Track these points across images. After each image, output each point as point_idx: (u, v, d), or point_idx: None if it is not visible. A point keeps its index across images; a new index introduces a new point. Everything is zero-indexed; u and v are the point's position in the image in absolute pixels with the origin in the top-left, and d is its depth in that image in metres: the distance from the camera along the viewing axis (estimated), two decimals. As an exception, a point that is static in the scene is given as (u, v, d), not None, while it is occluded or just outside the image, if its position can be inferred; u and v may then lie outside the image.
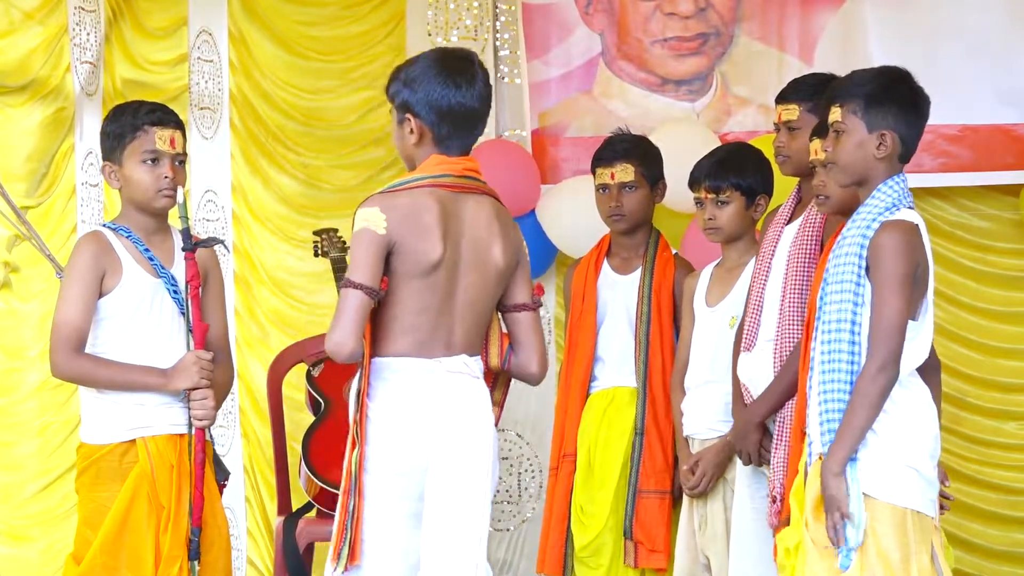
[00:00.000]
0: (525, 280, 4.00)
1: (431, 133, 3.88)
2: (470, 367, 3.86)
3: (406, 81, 3.89)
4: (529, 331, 3.99)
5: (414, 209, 3.79)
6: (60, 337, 4.10)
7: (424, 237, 3.79)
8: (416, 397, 3.82)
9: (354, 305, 3.73)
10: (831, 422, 3.72)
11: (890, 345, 3.68)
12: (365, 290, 3.74)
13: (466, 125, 3.88)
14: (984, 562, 6.31)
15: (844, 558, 3.69)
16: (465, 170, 3.89)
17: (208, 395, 4.14)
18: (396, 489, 3.81)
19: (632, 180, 5.12)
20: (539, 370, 4.01)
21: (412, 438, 3.80)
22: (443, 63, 3.88)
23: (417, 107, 3.87)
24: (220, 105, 6.59)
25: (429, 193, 3.82)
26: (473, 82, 3.87)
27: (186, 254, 4.15)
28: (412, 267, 3.79)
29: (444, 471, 3.78)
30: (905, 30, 6.30)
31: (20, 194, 6.07)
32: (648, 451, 5.04)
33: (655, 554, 5.00)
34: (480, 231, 3.88)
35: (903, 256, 3.71)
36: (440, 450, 3.78)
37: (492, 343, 3.98)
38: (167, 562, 4.08)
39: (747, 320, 4.50)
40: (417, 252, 3.78)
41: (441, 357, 3.83)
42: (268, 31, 6.71)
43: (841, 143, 3.85)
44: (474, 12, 6.78)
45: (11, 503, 6.31)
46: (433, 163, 3.87)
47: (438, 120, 3.86)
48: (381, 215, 3.77)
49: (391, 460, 3.80)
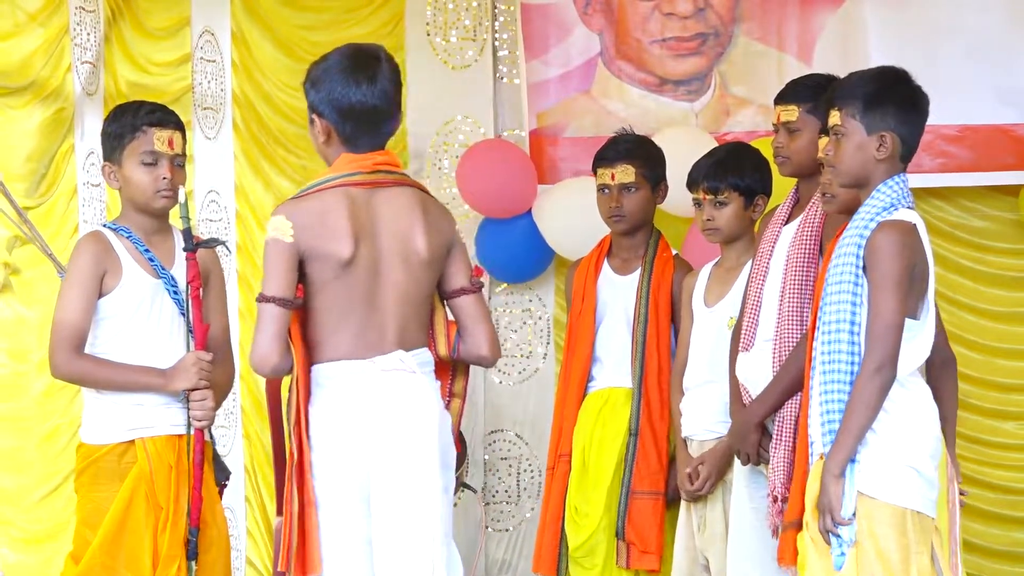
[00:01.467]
0: (462, 264, 3.96)
1: (336, 132, 3.85)
2: (406, 363, 3.81)
3: (312, 81, 3.87)
4: (474, 315, 3.95)
5: (320, 212, 3.77)
6: (60, 337, 4.11)
7: (332, 238, 3.76)
8: (352, 399, 3.79)
9: (270, 318, 3.74)
10: (832, 423, 3.73)
11: (886, 345, 3.69)
12: (278, 302, 3.73)
13: (370, 123, 3.84)
14: (984, 561, 6.31)
15: (838, 557, 3.70)
16: (376, 165, 3.86)
17: (207, 396, 4.15)
18: (346, 492, 3.79)
19: (633, 181, 5.12)
20: (490, 353, 3.97)
21: (353, 440, 3.78)
22: (346, 61, 3.84)
23: (321, 107, 3.85)
24: (223, 105, 6.59)
25: (338, 193, 3.80)
26: (375, 79, 3.82)
27: (187, 254, 4.14)
28: (326, 270, 3.77)
29: (387, 471, 3.76)
30: (904, 30, 6.29)
31: (20, 194, 6.06)
32: (642, 452, 5.04)
33: (647, 555, 5.00)
34: (398, 224, 3.84)
35: (898, 256, 3.71)
36: (381, 450, 3.76)
37: (438, 333, 3.95)
38: (165, 562, 4.08)
39: (745, 320, 4.50)
40: (327, 254, 3.76)
41: (375, 356, 3.80)
42: (270, 33, 6.71)
43: (841, 146, 3.85)
44: (473, 12, 6.78)
45: (18, 507, 6.30)
46: (343, 162, 3.85)
47: (341, 119, 3.83)
48: (287, 223, 3.76)
49: (336, 464, 3.79)
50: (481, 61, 6.76)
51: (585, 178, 6.53)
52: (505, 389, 6.76)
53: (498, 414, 6.72)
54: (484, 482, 6.73)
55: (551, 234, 6.44)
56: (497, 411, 6.71)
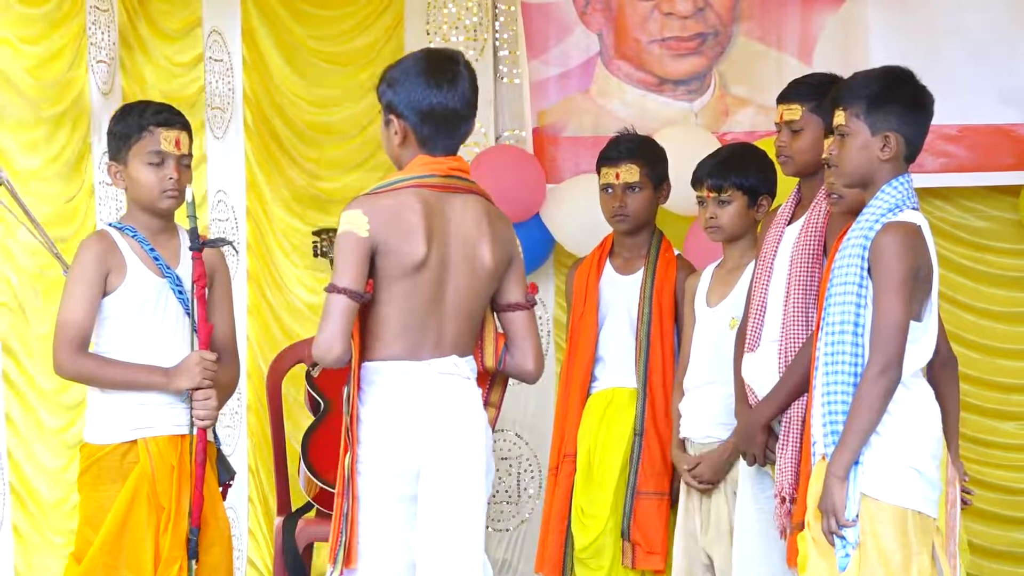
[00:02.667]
0: (518, 279, 3.98)
1: (414, 134, 3.86)
2: (460, 368, 3.83)
3: (390, 82, 3.88)
4: (524, 330, 3.97)
5: (397, 210, 3.78)
6: (64, 336, 4.10)
7: (408, 238, 3.77)
8: (406, 400, 3.80)
9: (339, 309, 3.73)
10: (834, 423, 3.73)
11: (890, 347, 3.68)
12: (349, 294, 3.73)
13: (449, 126, 3.86)
14: (983, 561, 6.31)
15: (842, 558, 3.69)
16: (451, 170, 3.88)
17: (211, 396, 4.14)
18: (391, 491, 3.80)
19: (637, 181, 5.12)
20: (535, 369, 3.99)
21: (404, 440, 3.79)
22: (426, 64, 3.86)
23: (400, 108, 3.86)
24: (230, 105, 6.56)
25: (413, 193, 3.81)
26: (456, 83, 3.84)
27: (193, 253, 4.13)
28: (397, 268, 3.78)
29: (436, 473, 3.76)
30: (905, 30, 6.29)
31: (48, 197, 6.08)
32: (647, 452, 5.03)
33: (652, 555, 5.00)
34: (468, 230, 3.86)
35: (903, 257, 3.71)
36: (431, 452, 3.77)
37: (487, 343, 3.97)
38: (167, 563, 4.07)
39: (750, 321, 4.49)
40: (401, 253, 3.77)
41: (431, 359, 3.82)
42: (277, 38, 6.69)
43: (845, 146, 3.85)
44: (473, 12, 6.78)
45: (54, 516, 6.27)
46: (418, 164, 3.86)
47: (420, 121, 3.85)
48: (364, 217, 3.76)
49: (385, 462, 3.80)
50: (481, 61, 6.76)
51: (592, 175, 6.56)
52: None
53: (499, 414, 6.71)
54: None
55: (561, 232, 6.44)
56: (498, 411, 6.71)
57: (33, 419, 6.17)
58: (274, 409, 6.12)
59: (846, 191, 4.13)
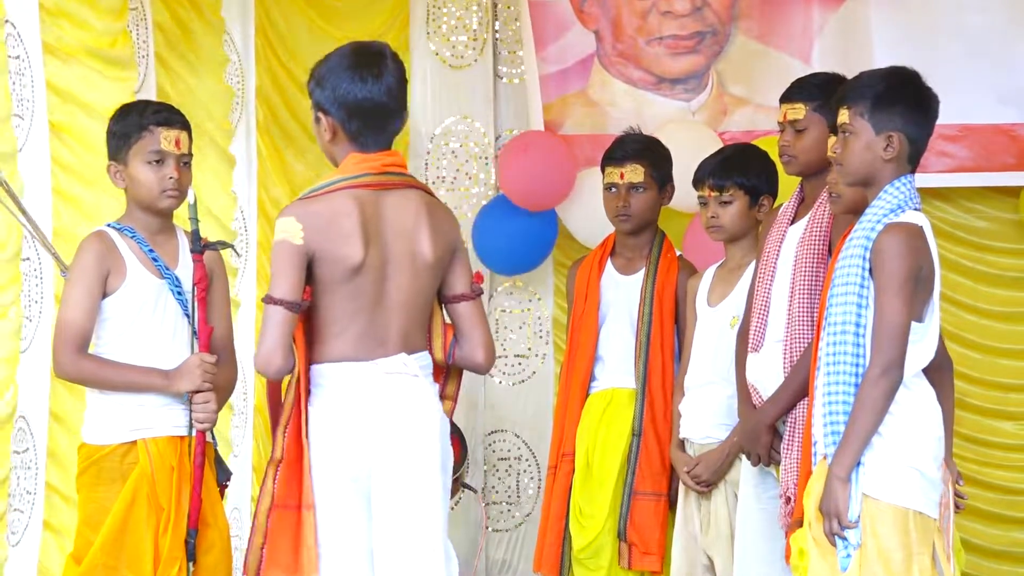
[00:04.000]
0: (463, 270, 3.96)
1: (343, 130, 3.84)
2: (408, 366, 3.82)
3: (317, 79, 3.86)
4: (472, 321, 3.95)
5: (331, 215, 3.76)
6: (64, 337, 4.09)
7: (344, 242, 3.75)
8: (355, 401, 3.79)
9: (277, 321, 3.72)
10: (835, 424, 3.73)
11: (892, 349, 3.68)
12: (286, 304, 3.72)
13: (376, 120, 3.83)
14: (983, 562, 6.32)
15: (843, 559, 3.69)
16: (385, 166, 3.85)
17: (210, 398, 4.13)
18: (347, 494, 3.79)
19: (641, 181, 5.11)
20: (485, 360, 3.97)
21: (355, 442, 3.78)
22: (351, 58, 3.83)
23: (327, 104, 3.83)
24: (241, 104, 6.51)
25: (348, 195, 3.78)
26: (381, 76, 3.81)
27: (194, 256, 4.13)
28: (335, 273, 3.76)
29: (389, 473, 3.76)
30: (905, 30, 6.29)
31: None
32: (645, 453, 5.03)
33: (648, 556, 5.00)
34: (406, 226, 3.83)
35: (904, 259, 3.71)
36: (383, 452, 3.76)
37: (435, 336, 3.95)
38: (166, 563, 4.07)
39: (753, 321, 4.48)
40: (338, 258, 3.75)
41: (378, 359, 3.80)
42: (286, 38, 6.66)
43: (848, 145, 3.84)
44: (473, 12, 6.77)
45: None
46: (352, 163, 3.83)
47: (347, 117, 3.82)
48: (297, 224, 3.74)
49: (338, 466, 3.78)
50: (481, 61, 6.75)
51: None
52: (505, 389, 6.75)
53: (498, 414, 6.72)
54: (484, 482, 6.72)
55: (574, 226, 6.43)
56: (497, 411, 6.71)
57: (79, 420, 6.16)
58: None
59: (846, 190, 4.13)
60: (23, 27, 5.09)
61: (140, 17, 5.76)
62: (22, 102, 5.08)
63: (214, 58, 6.25)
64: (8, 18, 5.01)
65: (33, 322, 5.09)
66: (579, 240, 6.48)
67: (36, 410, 5.12)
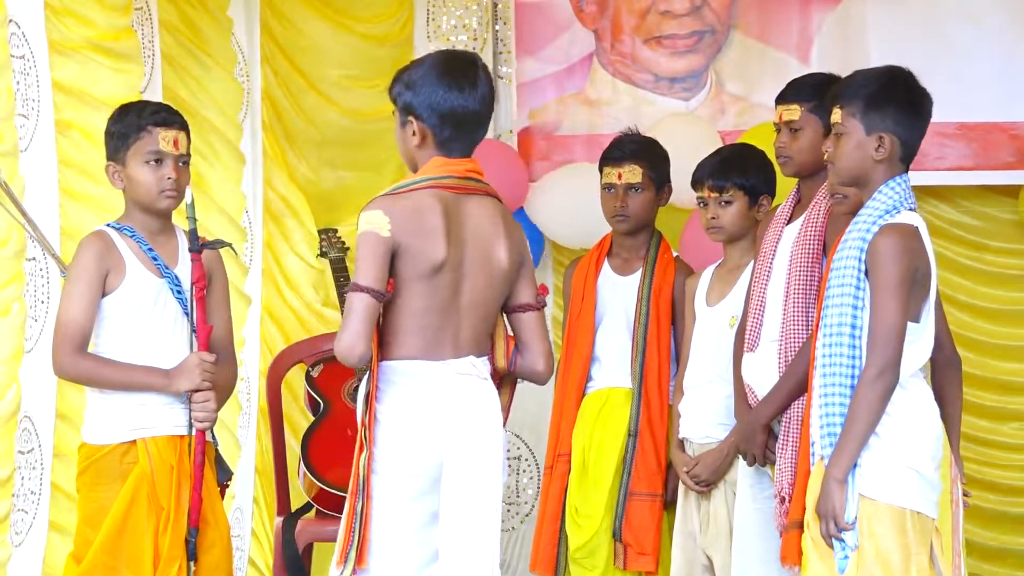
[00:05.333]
0: (529, 280, 4.01)
1: (433, 135, 3.88)
2: (478, 368, 3.86)
3: (408, 84, 3.90)
4: (534, 331, 3.99)
5: (417, 211, 3.80)
6: (63, 336, 4.09)
7: (428, 238, 3.79)
8: (425, 400, 3.82)
9: (362, 308, 3.73)
10: (831, 425, 3.73)
11: (888, 350, 3.68)
12: (372, 293, 3.74)
13: (468, 127, 3.89)
14: (982, 563, 6.30)
15: (841, 560, 3.69)
16: (467, 171, 3.90)
17: (209, 397, 4.13)
18: (407, 491, 3.81)
19: (639, 182, 5.11)
20: (546, 370, 4.01)
21: (423, 440, 3.80)
22: (445, 66, 3.89)
23: (419, 110, 3.87)
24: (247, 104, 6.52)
25: (432, 195, 3.83)
26: (475, 85, 3.87)
27: (192, 255, 4.13)
28: (417, 269, 3.80)
29: (458, 472, 3.78)
30: (903, 28, 6.28)
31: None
32: (641, 453, 5.03)
33: (643, 556, 5.00)
34: (484, 232, 3.89)
35: (900, 260, 3.71)
36: (453, 452, 3.78)
37: (498, 345, 3.98)
38: (166, 563, 4.07)
39: (749, 321, 4.49)
40: (421, 254, 3.79)
41: (449, 359, 3.84)
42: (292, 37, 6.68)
43: (840, 144, 3.85)
44: (473, 12, 6.77)
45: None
46: (435, 165, 3.88)
47: (440, 123, 3.87)
48: (384, 217, 3.77)
49: (402, 462, 3.81)
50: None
51: (573, 165, 6.53)
52: (505, 390, 6.74)
53: (498, 414, 6.71)
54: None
55: (545, 225, 6.43)
56: (497, 412, 6.69)
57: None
58: (274, 409, 6.12)
59: (847, 190, 4.13)
60: (28, 26, 5.08)
61: (145, 17, 5.76)
62: (27, 102, 5.08)
63: (224, 56, 6.27)
64: (12, 17, 5.01)
65: (39, 322, 5.09)
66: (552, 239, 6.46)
67: (42, 410, 5.12)
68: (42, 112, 5.14)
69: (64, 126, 5.23)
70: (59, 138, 5.20)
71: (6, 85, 4.98)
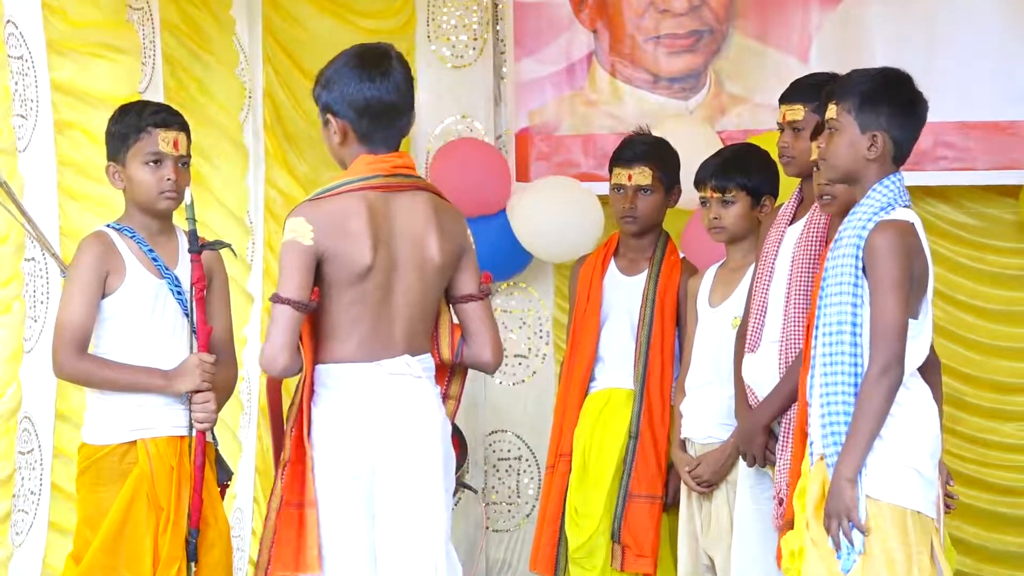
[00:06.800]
0: (472, 271, 3.98)
1: (352, 130, 3.86)
2: (412, 367, 3.83)
3: (324, 82, 3.89)
4: (479, 321, 3.97)
5: (341, 216, 3.77)
6: (63, 337, 4.08)
7: (353, 243, 3.77)
8: (359, 402, 3.81)
9: (283, 320, 3.75)
10: (835, 424, 3.71)
11: (891, 347, 3.67)
12: (293, 304, 3.74)
13: (386, 119, 3.85)
14: (983, 564, 6.30)
15: (846, 560, 3.68)
16: (395, 168, 3.87)
17: (210, 398, 4.13)
18: (349, 494, 3.80)
19: (649, 184, 5.11)
20: (493, 359, 3.99)
21: (358, 442, 3.79)
22: (357, 59, 3.86)
23: (335, 106, 3.86)
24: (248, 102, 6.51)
25: (358, 197, 3.80)
26: (388, 75, 3.84)
27: (192, 256, 4.12)
28: (344, 274, 3.78)
29: (391, 473, 3.77)
30: (903, 28, 6.27)
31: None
32: (641, 455, 5.03)
33: (642, 558, 5.01)
34: (414, 229, 3.85)
35: (898, 256, 3.70)
36: (386, 452, 3.77)
37: (442, 336, 3.97)
38: (166, 563, 4.06)
39: (751, 321, 4.48)
40: (347, 257, 3.77)
41: (382, 360, 3.82)
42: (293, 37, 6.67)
43: (833, 141, 3.84)
44: (474, 12, 6.77)
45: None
46: (362, 164, 3.85)
47: (357, 116, 3.84)
48: (307, 225, 3.76)
49: (341, 465, 3.80)
50: (481, 61, 6.75)
51: (558, 177, 6.51)
52: (505, 390, 6.75)
53: (498, 414, 6.72)
54: (484, 482, 6.72)
55: (524, 235, 6.42)
56: (497, 411, 6.71)
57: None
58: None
59: (839, 190, 4.13)
60: (25, 26, 5.07)
61: (147, 17, 5.75)
62: (25, 102, 5.07)
63: (226, 54, 6.26)
64: (9, 17, 5.00)
65: (38, 322, 5.08)
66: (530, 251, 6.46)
67: (42, 411, 5.11)
68: (41, 112, 5.13)
69: (63, 126, 5.22)
70: (58, 138, 5.20)
71: (3, 84, 4.97)
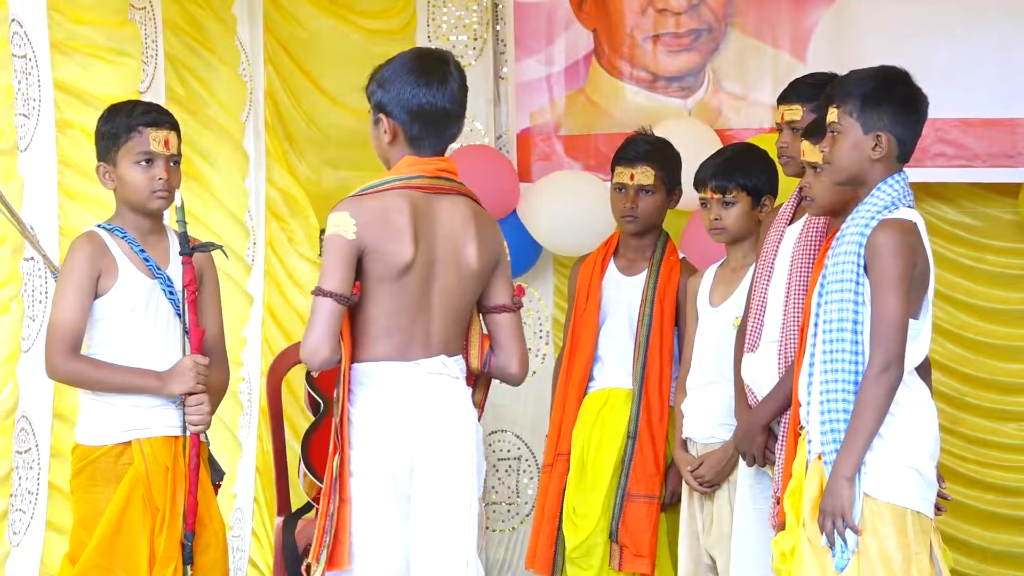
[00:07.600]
0: (505, 281, 3.99)
1: (403, 133, 3.88)
2: (449, 368, 3.85)
3: (380, 81, 3.90)
4: (509, 333, 3.98)
5: (384, 212, 3.79)
6: (56, 338, 4.08)
7: (395, 239, 3.79)
8: (397, 400, 3.82)
9: (325, 313, 3.74)
10: (834, 422, 3.70)
11: (891, 346, 3.67)
12: (336, 297, 3.74)
13: (437, 125, 3.88)
14: (983, 564, 6.28)
15: (840, 559, 3.67)
16: (438, 171, 3.89)
17: (204, 400, 4.13)
18: (385, 492, 3.81)
19: (651, 184, 5.11)
20: (519, 371, 4.00)
21: (396, 441, 3.80)
22: (416, 63, 3.88)
23: (389, 106, 3.88)
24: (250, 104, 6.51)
25: (400, 195, 3.82)
26: (445, 82, 3.86)
27: (183, 258, 4.12)
28: (384, 270, 3.79)
29: (429, 472, 3.78)
30: (901, 25, 6.25)
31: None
32: (639, 455, 5.03)
33: (639, 558, 5.01)
34: (455, 232, 3.87)
35: (900, 255, 3.69)
36: (424, 452, 3.78)
37: (472, 345, 3.98)
38: (161, 564, 4.07)
39: (750, 321, 4.48)
40: (388, 255, 3.78)
41: (420, 359, 3.84)
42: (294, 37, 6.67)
43: (837, 144, 3.84)
44: (474, 12, 6.77)
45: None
46: (405, 164, 3.87)
47: (409, 120, 3.86)
48: (351, 220, 3.77)
49: (377, 464, 3.81)
50: (481, 61, 6.76)
51: (565, 172, 6.51)
52: (505, 390, 6.67)
53: (498, 414, 6.71)
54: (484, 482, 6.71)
55: (538, 231, 6.42)
56: (497, 411, 6.69)
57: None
58: (274, 409, 6.12)
59: (822, 192, 4.15)
60: (30, 25, 5.07)
61: (149, 16, 5.76)
62: (28, 101, 5.08)
63: (228, 54, 6.27)
64: (14, 16, 5.00)
65: (36, 321, 5.08)
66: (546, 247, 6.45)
67: (39, 410, 5.11)
68: (43, 112, 5.14)
69: (64, 125, 5.22)
70: (59, 137, 5.20)
71: (6, 84, 4.97)
